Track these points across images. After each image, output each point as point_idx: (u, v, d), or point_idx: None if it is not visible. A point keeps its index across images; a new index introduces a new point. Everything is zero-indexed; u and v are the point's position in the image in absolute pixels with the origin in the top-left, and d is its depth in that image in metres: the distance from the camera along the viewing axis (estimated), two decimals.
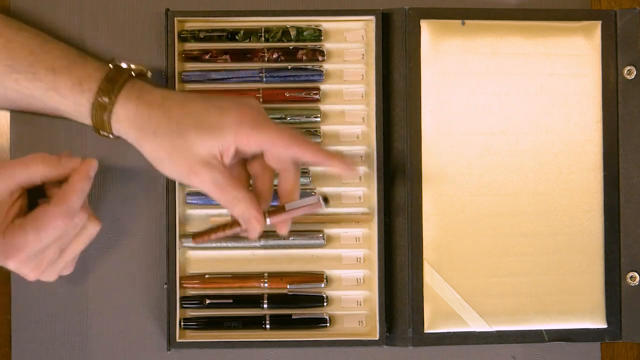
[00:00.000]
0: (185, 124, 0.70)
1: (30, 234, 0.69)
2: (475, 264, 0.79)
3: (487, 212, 0.80)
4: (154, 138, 0.70)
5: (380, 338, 0.79)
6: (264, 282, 0.79)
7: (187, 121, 0.70)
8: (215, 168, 0.70)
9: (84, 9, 0.81)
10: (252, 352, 0.80)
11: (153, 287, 0.80)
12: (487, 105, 0.80)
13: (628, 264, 0.80)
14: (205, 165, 0.69)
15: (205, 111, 0.70)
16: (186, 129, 0.69)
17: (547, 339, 0.79)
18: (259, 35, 0.80)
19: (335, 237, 0.80)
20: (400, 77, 0.79)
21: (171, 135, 0.70)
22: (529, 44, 0.80)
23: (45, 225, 0.69)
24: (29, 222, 0.69)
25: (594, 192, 0.80)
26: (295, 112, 0.80)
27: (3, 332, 0.80)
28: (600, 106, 0.81)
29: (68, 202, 0.70)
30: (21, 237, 0.69)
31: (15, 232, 0.69)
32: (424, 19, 0.79)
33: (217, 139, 0.69)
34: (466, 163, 0.80)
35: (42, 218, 0.69)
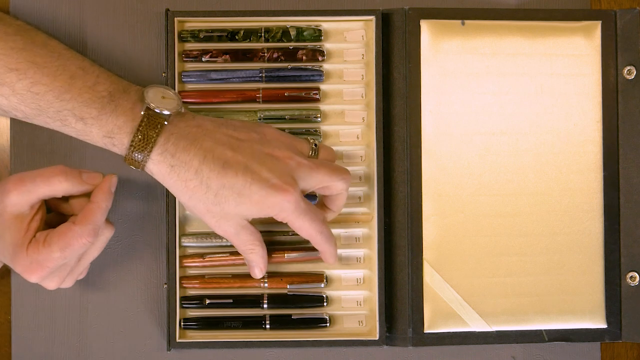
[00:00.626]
0: (224, 197, 0.69)
1: (56, 252, 0.68)
2: (475, 264, 0.79)
3: (487, 212, 0.80)
4: (189, 200, 0.70)
5: (380, 338, 0.79)
6: (264, 282, 0.79)
7: (226, 193, 0.69)
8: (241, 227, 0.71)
9: (84, 9, 0.81)
10: (252, 352, 0.80)
11: (153, 287, 0.80)
12: (487, 105, 0.80)
13: (628, 264, 0.80)
14: (233, 226, 0.71)
15: (246, 187, 0.69)
16: (225, 201, 0.69)
17: (547, 339, 0.79)
18: (259, 35, 0.80)
19: (335, 237, 0.80)
20: (400, 77, 0.79)
21: (206, 203, 0.69)
22: (529, 44, 0.80)
23: (71, 244, 0.69)
24: (54, 240, 0.69)
25: (594, 192, 0.80)
26: (295, 112, 0.80)
27: (3, 333, 0.80)
28: (600, 106, 0.81)
29: (94, 221, 0.69)
30: (46, 255, 0.69)
31: (39, 249, 0.69)
32: (423, 19, 0.79)
33: (255, 213, 0.70)
34: (466, 163, 0.80)
35: (68, 236, 0.69)
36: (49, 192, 0.70)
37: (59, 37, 0.80)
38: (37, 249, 0.69)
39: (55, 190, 0.70)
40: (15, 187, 0.69)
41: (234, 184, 0.69)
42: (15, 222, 0.69)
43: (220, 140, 0.70)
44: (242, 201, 0.69)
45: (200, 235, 0.79)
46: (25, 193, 0.69)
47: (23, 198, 0.69)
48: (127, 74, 0.80)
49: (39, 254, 0.69)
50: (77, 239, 0.69)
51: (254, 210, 0.70)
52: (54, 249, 0.69)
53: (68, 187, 0.70)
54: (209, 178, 0.69)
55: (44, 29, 0.80)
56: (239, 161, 0.69)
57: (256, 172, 0.69)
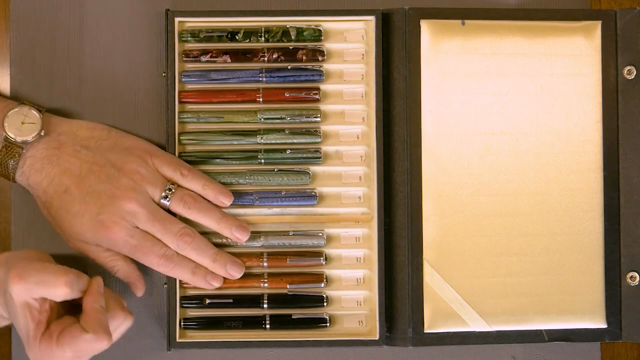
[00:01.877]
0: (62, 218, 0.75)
1: (68, 354, 0.67)
2: (475, 264, 0.79)
3: (487, 212, 0.80)
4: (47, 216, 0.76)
5: (380, 338, 0.79)
6: (264, 282, 0.79)
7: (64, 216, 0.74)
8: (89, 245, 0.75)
9: (84, 9, 0.81)
10: (252, 352, 0.80)
11: (153, 287, 0.80)
12: (487, 105, 0.80)
13: (628, 264, 0.80)
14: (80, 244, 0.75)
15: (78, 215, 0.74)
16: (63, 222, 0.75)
17: (547, 339, 0.79)
18: (259, 35, 0.80)
19: (335, 237, 0.80)
20: (400, 77, 0.79)
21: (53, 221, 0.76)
22: (529, 44, 0.80)
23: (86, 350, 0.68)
24: (67, 341, 0.67)
25: (594, 192, 0.80)
26: (295, 112, 0.80)
27: (3, 333, 0.79)
28: (600, 106, 0.81)
29: (100, 321, 0.68)
30: (59, 353, 0.67)
31: (52, 347, 0.67)
32: (424, 19, 0.79)
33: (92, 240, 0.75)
34: (466, 163, 0.80)
35: (81, 343, 0.67)
36: (48, 296, 0.68)
37: (59, 37, 0.80)
38: (49, 346, 0.67)
39: (55, 296, 0.68)
40: (17, 283, 0.67)
41: (70, 209, 0.74)
42: (23, 310, 0.68)
43: (69, 167, 0.75)
44: (76, 226, 0.74)
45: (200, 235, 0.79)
46: (25, 290, 0.67)
47: (23, 293, 0.67)
48: (127, 74, 0.80)
49: (52, 351, 0.67)
50: (88, 345, 0.68)
51: (88, 237, 0.75)
52: (66, 350, 0.67)
53: (68, 296, 0.68)
54: (53, 199, 0.74)
55: (44, 29, 0.80)
56: (79, 191, 0.74)
57: (90, 205, 0.74)
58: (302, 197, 0.79)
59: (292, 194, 0.79)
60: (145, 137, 0.80)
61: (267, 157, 0.80)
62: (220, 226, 0.77)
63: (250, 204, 0.79)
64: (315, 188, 0.80)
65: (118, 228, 0.74)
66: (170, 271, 0.76)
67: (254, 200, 0.79)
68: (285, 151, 0.80)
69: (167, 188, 0.76)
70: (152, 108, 0.80)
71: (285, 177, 0.79)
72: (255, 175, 0.79)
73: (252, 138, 0.80)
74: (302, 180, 0.80)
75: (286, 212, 0.80)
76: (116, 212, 0.74)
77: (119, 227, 0.74)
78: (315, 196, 0.79)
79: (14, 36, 0.80)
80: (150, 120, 0.80)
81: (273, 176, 0.79)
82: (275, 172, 0.80)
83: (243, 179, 0.79)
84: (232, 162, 0.80)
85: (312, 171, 0.80)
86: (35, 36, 0.80)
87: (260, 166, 0.80)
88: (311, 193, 0.80)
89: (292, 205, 0.80)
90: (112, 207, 0.74)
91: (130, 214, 0.74)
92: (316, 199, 0.79)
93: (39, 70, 0.80)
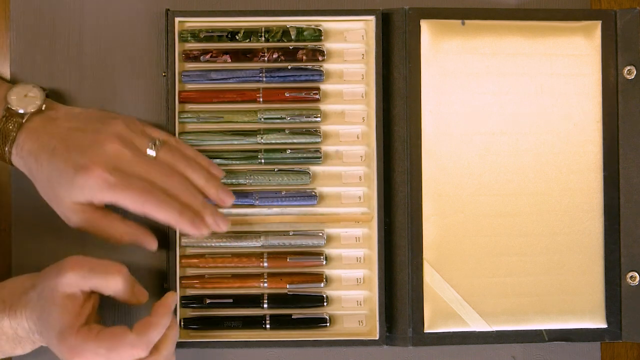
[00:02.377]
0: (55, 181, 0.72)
1: (102, 350, 0.67)
2: (475, 264, 0.79)
3: (487, 212, 0.80)
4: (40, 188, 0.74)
5: (380, 338, 0.79)
6: (264, 282, 0.79)
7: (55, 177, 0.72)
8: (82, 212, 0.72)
9: (84, 9, 0.81)
10: (252, 352, 0.80)
11: (153, 286, 0.80)
12: (487, 105, 0.80)
13: (628, 264, 0.80)
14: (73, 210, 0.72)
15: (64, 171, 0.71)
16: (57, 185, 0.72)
17: (547, 339, 0.79)
18: (259, 35, 0.80)
19: (335, 237, 0.80)
20: (400, 77, 0.79)
21: (46, 189, 0.73)
22: (529, 44, 0.80)
23: (120, 350, 0.68)
24: (105, 337, 0.68)
25: (594, 192, 0.80)
26: (295, 112, 0.80)
27: None
28: (600, 106, 0.81)
29: (149, 334, 0.69)
30: (93, 347, 0.68)
31: (89, 338, 0.68)
32: (424, 19, 0.79)
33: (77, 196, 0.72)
34: (466, 163, 0.80)
35: (118, 341, 0.68)
36: (100, 286, 0.70)
37: (58, 37, 0.80)
38: (87, 337, 0.68)
39: (107, 287, 0.70)
40: (72, 269, 0.69)
41: (59, 168, 0.72)
42: (66, 301, 0.68)
43: (59, 132, 0.73)
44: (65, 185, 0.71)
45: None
46: (79, 277, 0.69)
47: (76, 281, 0.69)
48: (127, 74, 0.80)
49: (86, 342, 0.68)
50: (127, 347, 0.68)
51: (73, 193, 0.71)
52: (101, 346, 0.67)
53: (118, 290, 0.70)
54: (43, 166, 0.72)
55: (44, 29, 0.80)
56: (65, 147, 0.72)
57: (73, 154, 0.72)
58: (302, 197, 0.79)
59: (292, 193, 0.80)
60: None
61: (267, 157, 0.80)
62: (207, 184, 0.74)
63: (250, 204, 0.79)
64: (315, 188, 0.80)
65: (97, 167, 0.70)
66: (154, 209, 0.71)
67: (254, 200, 0.79)
68: (285, 151, 0.80)
69: (154, 141, 0.74)
70: (152, 108, 0.80)
71: (285, 177, 0.80)
72: (255, 175, 0.79)
73: (252, 138, 0.80)
74: (302, 180, 0.80)
75: (286, 212, 0.80)
76: (99, 154, 0.71)
77: (98, 166, 0.71)
78: (315, 196, 0.79)
79: (14, 36, 0.80)
80: (150, 120, 0.80)
81: (273, 176, 0.79)
82: (276, 172, 0.80)
83: (243, 179, 0.79)
84: (232, 162, 0.80)
85: (312, 171, 0.80)
86: (35, 36, 0.80)
87: (260, 166, 0.80)
88: (311, 193, 0.80)
89: (292, 205, 0.80)
90: (95, 150, 0.71)
91: (113, 155, 0.71)
92: (316, 199, 0.79)
93: (39, 70, 0.80)
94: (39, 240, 0.79)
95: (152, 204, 0.71)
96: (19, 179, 0.79)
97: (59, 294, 0.68)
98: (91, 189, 0.71)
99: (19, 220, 0.80)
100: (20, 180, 0.79)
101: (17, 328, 0.70)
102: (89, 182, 0.71)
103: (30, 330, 0.70)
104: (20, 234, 0.80)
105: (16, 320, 0.70)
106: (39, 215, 0.78)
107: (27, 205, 0.79)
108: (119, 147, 0.72)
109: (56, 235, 0.78)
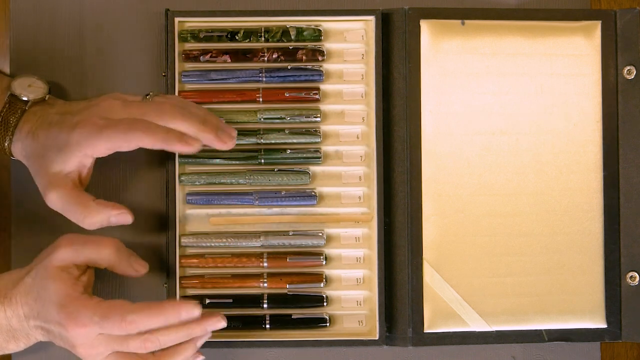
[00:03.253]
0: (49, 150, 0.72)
1: (96, 317, 0.68)
2: (475, 264, 0.79)
3: (487, 212, 0.80)
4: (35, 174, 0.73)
5: (380, 338, 0.79)
6: (264, 282, 0.79)
7: (50, 145, 0.72)
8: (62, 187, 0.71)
9: (84, 9, 0.81)
10: (252, 352, 0.80)
11: (153, 287, 0.80)
12: (487, 105, 0.80)
13: (628, 264, 0.80)
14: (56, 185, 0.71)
15: (59, 135, 0.71)
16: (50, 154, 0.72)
17: (547, 339, 0.79)
18: (259, 35, 0.80)
19: (335, 237, 0.80)
20: (400, 77, 0.79)
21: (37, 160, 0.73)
22: (529, 44, 0.80)
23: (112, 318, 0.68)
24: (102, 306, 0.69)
25: (594, 192, 0.80)
26: (295, 112, 0.80)
27: None
28: (600, 106, 0.81)
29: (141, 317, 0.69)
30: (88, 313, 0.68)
31: (86, 305, 0.69)
32: (423, 19, 0.79)
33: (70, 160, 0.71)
34: (466, 163, 0.80)
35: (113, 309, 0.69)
36: (94, 259, 0.71)
37: (58, 37, 0.80)
38: (85, 303, 0.69)
39: (101, 259, 0.71)
40: (65, 244, 0.70)
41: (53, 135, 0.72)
42: (61, 273, 0.70)
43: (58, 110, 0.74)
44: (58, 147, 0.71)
45: (200, 235, 0.79)
46: (72, 251, 0.70)
47: (69, 255, 0.70)
48: (127, 74, 0.80)
49: (84, 308, 0.69)
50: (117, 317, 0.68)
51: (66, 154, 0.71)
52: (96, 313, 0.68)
53: (113, 262, 0.71)
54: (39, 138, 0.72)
55: (44, 29, 0.80)
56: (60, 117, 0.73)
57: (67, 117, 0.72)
58: (302, 197, 0.79)
59: (292, 193, 0.80)
60: None
61: (267, 157, 0.80)
62: (204, 127, 0.73)
63: (250, 204, 0.79)
64: (315, 188, 0.80)
65: (90, 118, 0.71)
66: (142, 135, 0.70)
67: (254, 200, 0.79)
68: (285, 151, 0.80)
69: (147, 94, 0.74)
70: None
71: (285, 177, 0.80)
72: (255, 175, 0.79)
73: (252, 138, 0.80)
74: (302, 180, 0.80)
75: (286, 212, 0.80)
76: (92, 111, 0.72)
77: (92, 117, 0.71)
78: (315, 196, 0.79)
79: (14, 36, 0.80)
80: None
81: (273, 176, 0.79)
82: (275, 172, 0.80)
83: (243, 179, 0.79)
84: (232, 162, 0.80)
85: (312, 171, 0.80)
86: (35, 36, 0.80)
87: (260, 166, 0.80)
88: (311, 193, 0.80)
89: (292, 205, 0.80)
90: (89, 110, 0.72)
91: (106, 108, 0.72)
92: (316, 199, 0.79)
93: (38, 70, 0.80)
94: (39, 240, 0.79)
95: (139, 132, 0.70)
96: (19, 179, 0.79)
97: (53, 268, 0.69)
98: (85, 138, 0.70)
99: (19, 220, 0.80)
100: (21, 180, 0.79)
101: (11, 318, 0.71)
102: (83, 132, 0.70)
103: (26, 318, 0.71)
104: (20, 234, 0.80)
105: (11, 308, 0.70)
106: (39, 215, 0.78)
107: (27, 205, 0.79)
108: (111, 101, 0.73)
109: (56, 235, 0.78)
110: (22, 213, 0.80)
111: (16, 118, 0.73)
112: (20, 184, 0.79)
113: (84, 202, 0.72)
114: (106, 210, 0.72)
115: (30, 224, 0.80)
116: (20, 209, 0.80)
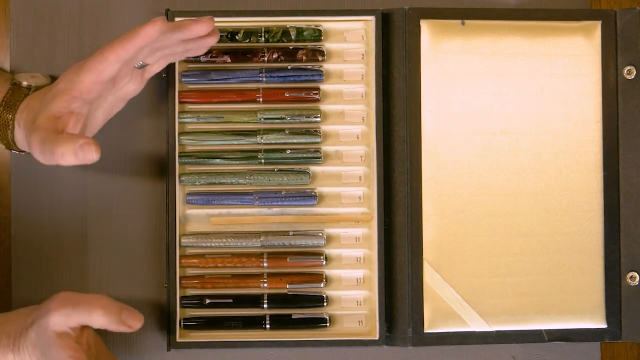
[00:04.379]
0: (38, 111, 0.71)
1: None
2: (475, 264, 0.79)
3: (487, 212, 0.80)
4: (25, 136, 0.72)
5: (380, 338, 0.79)
6: (264, 282, 0.79)
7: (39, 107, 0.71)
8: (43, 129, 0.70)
9: (84, 9, 0.81)
10: (252, 352, 0.80)
11: (153, 287, 0.80)
12: (487, 105, 0.80)
13: (628, 264, 0.80)
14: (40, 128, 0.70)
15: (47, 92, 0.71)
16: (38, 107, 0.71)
17: (547, 339, 0.79)
18: (259, 35, 0.80)
19: (335, 237, 0.80)
20: (400, 77, 0.79)
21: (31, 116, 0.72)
22: (529, 44, 0.80)
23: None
24: None
25: (594, 192, 0.80)
26: (295, 112, 0.80)
27: None
28: (600, 106, 0.81)
29: None
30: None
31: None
32: (423, 19, 0.79)
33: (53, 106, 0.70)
34: (466, 163, 0.80)
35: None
36: (86, 322, 0.71)
37: (58, 37, 0.80)
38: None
39: (92, 322, 0.71)
40: (57, 309, 0.70)
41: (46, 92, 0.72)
42: (60, 339, 0.70)
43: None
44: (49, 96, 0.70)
45: (200, 235, 0.79)
46: (64, 317, 0.70)
47: (63, 320, 0.70)
48: None
49: None
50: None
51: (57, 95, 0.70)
52: None
53: (105, 323, 0.71)
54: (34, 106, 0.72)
55: (44, 29, 0.80)
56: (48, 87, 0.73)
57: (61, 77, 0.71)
58: (302, 197, 0.79)
59: (292, 193, 0.80)
60: (145, 137, 0.80)
61: (267, 157, 0.80)
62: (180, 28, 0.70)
63: (250, 204, 0.79)
64: (315, 188, 0.80)
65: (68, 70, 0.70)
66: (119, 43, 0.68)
67: (254, 200, 0.79)
68: (285, 151, 0.80)
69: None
70: (152, 108, 0.80)
71: (285, 177, 0.80)
72: (255, 175, 0.79)
73: (252, 138, 0.80)
74: (302, 180, 0.80)
75: (286, 212, 0.80)
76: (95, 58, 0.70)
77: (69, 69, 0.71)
78: (315, 196, 0.79)
79: (14, 36, 0.80)
80: (151, 119, 0.80)
81: (273, 176, 0.80)
82: (275, 172, 0.80)
83: (243, 179, 0.79)
84: (232, 162, 0.80)
85: (312, 171, 0.80)
86: (35, 36, 0.80)
87: (260, 166, 0.80)
88: (311, 193, 0.80)
89: (292, 205, 0.80)
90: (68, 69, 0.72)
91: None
92: (316, 199, 0.79)
93: (39, 70, 0.80)
94: (39, 240, 0.79)
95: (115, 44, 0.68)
96: (19, 179, 0.79)
97: (52, 334, 0.70)
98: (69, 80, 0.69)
99: (19, 220, 0.80)
100: (21, 180, 0.79)
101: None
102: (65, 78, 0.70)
103: None
104: (20, 234, 0.80)
105: (19, 355, 0.71)
106: (38, 215, 0.78)
107: (27, 205, 0.79)
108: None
109: (56, 235, 0.78)
110: (22, 213, 0.80)
111: (19, 100, 0.74)
112: (20, 184, 0.79)
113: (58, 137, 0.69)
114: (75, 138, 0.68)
115: (31, 224, 0.80)
116: (20, 209, 0.80)
